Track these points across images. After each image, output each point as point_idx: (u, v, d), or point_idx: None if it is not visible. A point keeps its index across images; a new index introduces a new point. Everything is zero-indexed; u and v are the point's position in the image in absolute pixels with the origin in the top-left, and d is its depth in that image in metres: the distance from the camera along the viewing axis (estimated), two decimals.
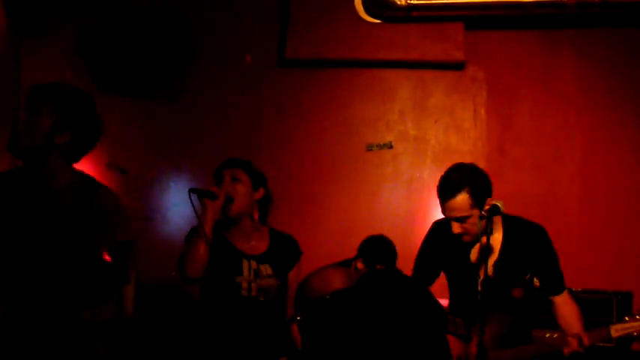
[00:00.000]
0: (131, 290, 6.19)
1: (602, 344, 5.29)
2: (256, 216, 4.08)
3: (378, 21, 6.58)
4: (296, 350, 4.02)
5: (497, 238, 3.95)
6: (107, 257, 3.12)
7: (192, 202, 3.71)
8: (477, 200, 3.79)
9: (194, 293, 4.10)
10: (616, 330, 3.68)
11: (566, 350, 3.74)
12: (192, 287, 4.05)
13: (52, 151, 3.20)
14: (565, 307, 4.03)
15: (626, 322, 3.68)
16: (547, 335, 3.84)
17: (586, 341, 3.71)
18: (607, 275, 6.10)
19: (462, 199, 3.77)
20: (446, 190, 3.80)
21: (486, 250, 3.81)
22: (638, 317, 3.67)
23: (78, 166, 3.36)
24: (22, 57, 6.68)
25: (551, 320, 4.10)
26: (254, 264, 3.90)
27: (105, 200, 3.26)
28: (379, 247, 5.27)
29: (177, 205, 6.60)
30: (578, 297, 5.54)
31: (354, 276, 5.25)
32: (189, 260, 3.76)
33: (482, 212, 3.71)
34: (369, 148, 6.69)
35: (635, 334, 3.64)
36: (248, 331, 3.82)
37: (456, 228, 3.82)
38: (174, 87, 6.67)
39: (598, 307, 5.41)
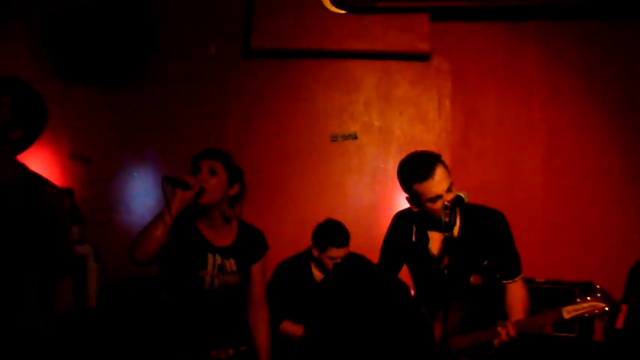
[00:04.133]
0: (94, 281, 6.17)
1: (564, 334, 5.38)
2: (227, 211, 4.03)
3: (343, 11, 6.57)
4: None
5: (455, 228, 3.96)
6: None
7: (164, 190, 3.63)
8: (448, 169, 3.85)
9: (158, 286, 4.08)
10: (567, 312, 3.69)
11: (495, 341, 3.76)
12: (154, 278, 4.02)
13: (3, 145, 3.17)
14: (515, 293, 4.00)
15: (577, 303, 3.70)
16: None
17: (512, 332, 3.73)
18: (570, 265, 6.16)
19: (441, 168, 3.80)
20: (426, 168, 3.78)
21: (450, 241, 3.82)
22: (588, 298, 3.69)
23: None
24: None
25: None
26: (219, 258, 3.88)
27: (50, 197, 3.25)
28: (326, 230, 5.31)
29: (140, 196, 6.57)
30: (540, 288, 5.64)
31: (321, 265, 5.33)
32: (141, 241, 3.61)
33: (446, 203, 3.73)
34: (334, 139, 6.70)
35: (587, 314, 3.66)
36: (208, 322, 3.83)
37: (449, 199, 3.81)
38: (138, 76, 6.63)
39: (560, 297, 5.47)
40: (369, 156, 6.70)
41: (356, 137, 6.69)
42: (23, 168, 3.27)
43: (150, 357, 4.04)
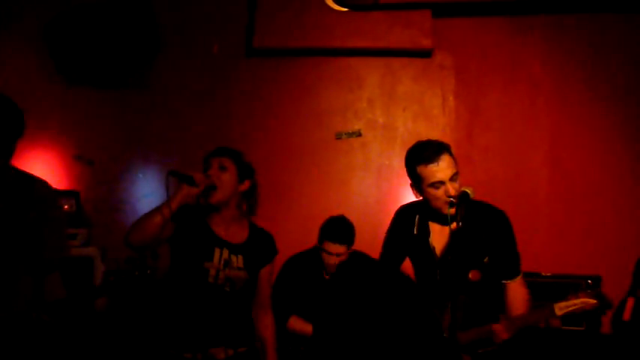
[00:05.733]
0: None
1: (571, 327, 5.37)
2: (243, 207, 4.08)
3: (346, 9, 6.56)
4: (255, 342, 4.10)
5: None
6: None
7: (167, 184, 3.65)
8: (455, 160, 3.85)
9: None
10: (559, 308, 3.69)
11: (496, 340, 3.77)
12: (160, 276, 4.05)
13: None
14: (515, 292, 3.99)
15: (568, 300, 3.70)
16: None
17: (503, 334, 3.74)
18: (576, 259, 6.15)
19: (448, 156, 3.82)
20: (433, 152, 3.80)
21: (451, 234, 3.82)
22: (580, 294, 3.69)
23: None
24: None
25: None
26: (225, 253, 3.91)
27: (44, 195, 3.28)
28: (327, 225, 5.35)
29: (146, 197, 6.57)
30: (547, 282, 5.61)
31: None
32: (138, 226, 3.69)
33: (452, 199, 3.73)
34: (338, 136, 6.69)
35: (578, 311, 3.66)
36: (210, 318, 3.84)
37: (452, 189, 3.80)
38: (142, 77, 6.63)
39: (567, 291, 5.45)
40: (374, 153, 6.70)
41: (360, 134, 6.69)
42: (9, 167, 3.27)
43: (150, 348, 4.06)
